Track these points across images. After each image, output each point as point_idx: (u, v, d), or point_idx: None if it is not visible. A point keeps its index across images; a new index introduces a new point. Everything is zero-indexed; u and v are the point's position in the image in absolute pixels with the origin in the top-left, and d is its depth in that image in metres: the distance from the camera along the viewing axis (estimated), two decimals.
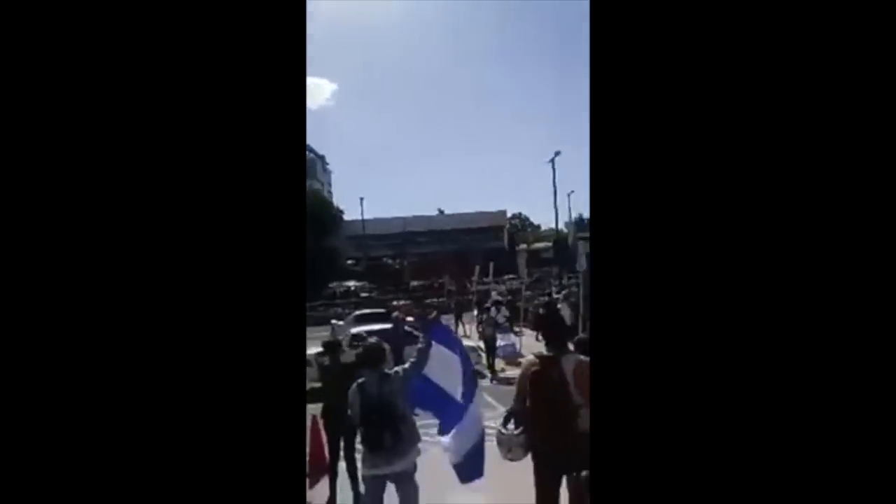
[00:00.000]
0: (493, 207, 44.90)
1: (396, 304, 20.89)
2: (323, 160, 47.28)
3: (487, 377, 9.37)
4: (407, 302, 20.62)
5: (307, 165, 41.35)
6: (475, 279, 16.68)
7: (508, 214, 47.41)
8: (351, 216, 38.97)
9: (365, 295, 26.97)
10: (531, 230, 46.13)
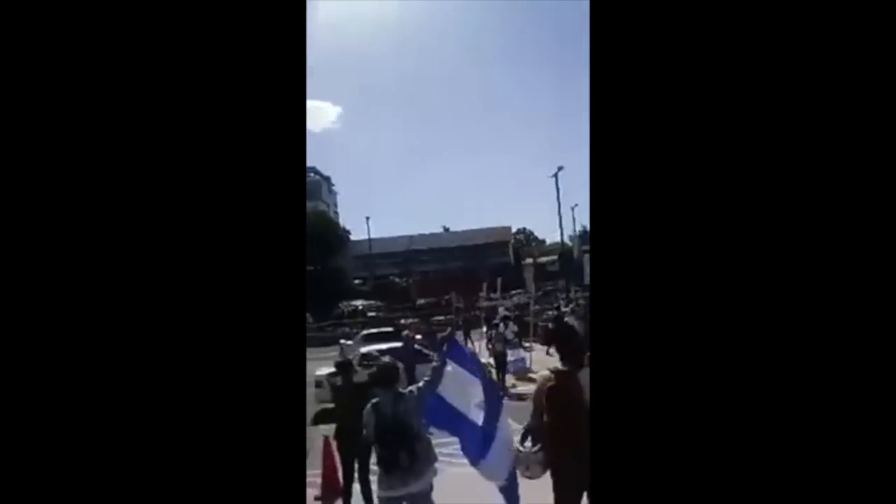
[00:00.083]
0: (497, 223, 45.01)
1: (404, 322, 20.84)
2: (328, 181, 47.63)
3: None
4: (415, 320, 20.54)
5: (313, 187, 41.70)
6: (483, 295, 16.63)
7: (513, 230, 47.53)
8: (357, 236, 39.16)
9: (372, 314, 26.95)
10: (536, 244, 46.05)
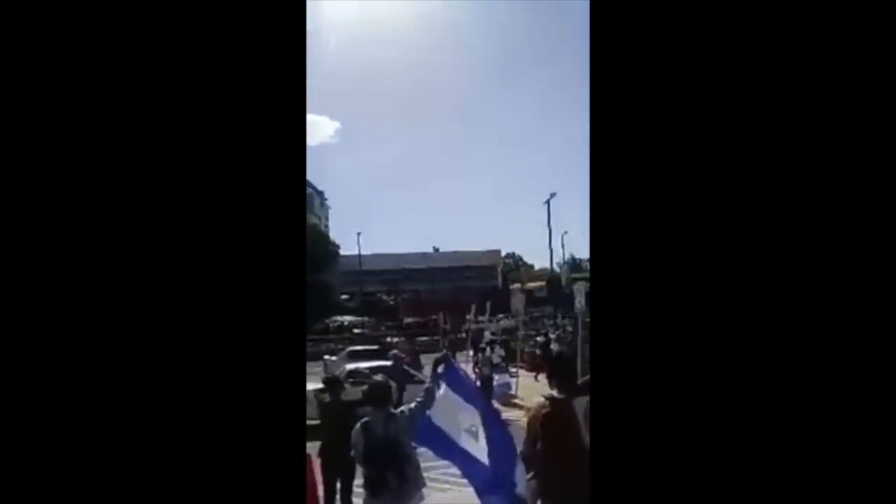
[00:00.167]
0: (486, 246, 45.18)
1: (390, 340, 20.67)
2: (322, 195, 47.62)
3: None
4: (401, 339, 20.40)
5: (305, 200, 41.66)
6: (470, 318, 16.55)
7: (502, 254, 47.71)
8: (347, 251, 39.05)
9: (358, 331, 26.73)
10: (524, 269, 46.18)
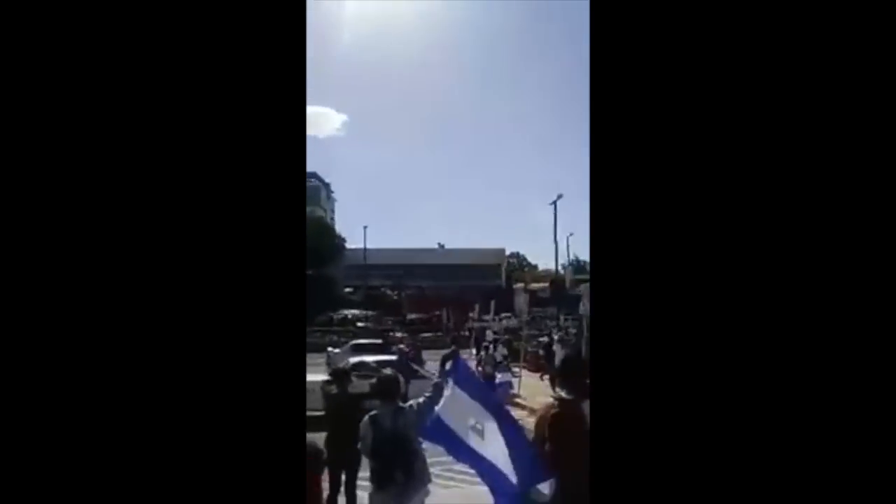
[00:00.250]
0: (491, 245, 45.16)
1: (393, 335, 20.72)
2: (328, 188, 47.66)
3: None
4: (404, 334, 20.43)
5: (312, 192, 41.64)
6: (472, 316, 16.59)
7: (507, 253, 47.68)
8: (352, 244, 39.09)
9: (361, 324, 26.78)
10: (528, 269, 46.14)
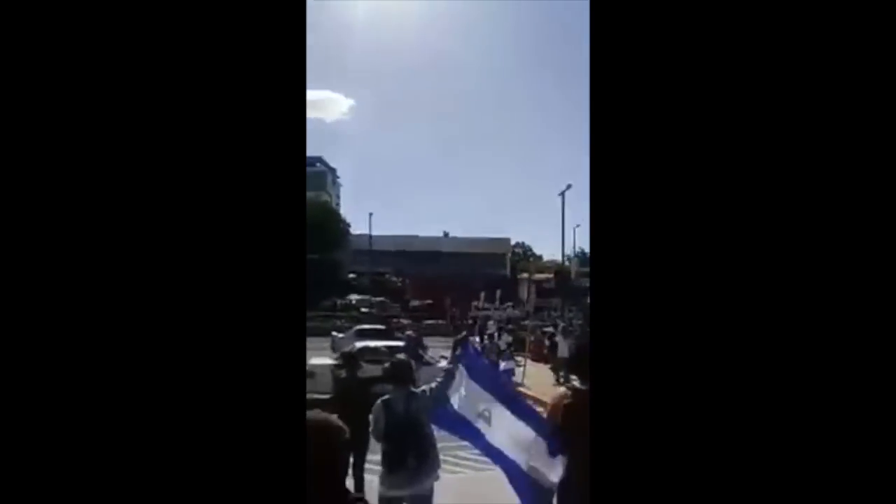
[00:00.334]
0: (497, 234, 45.10)
1: (397, 321, 20.80)
2: (334, 173, 47.65)
3: None
4: (408, 321, 20.51)
5: (318, 177, 41.68)
6: (477, 304, 16.62)
7: (512, 242, 47.62)
8: (357, 230, 39.12)
9: (365, 310, 26.89)
10: (533, 260, 46.11)
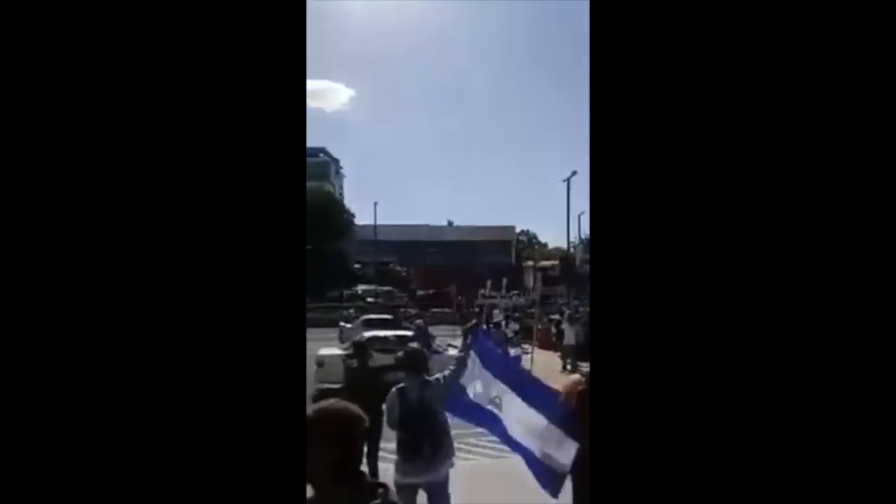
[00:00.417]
0: (501, 222, 45.07)
1: (403, 311, 20.89)
2: (337, 163, 47.60)
3: None
4: (416, 310, 20.59)
5: (321, 168, 41.64)
6: (482, 293, 16.64)
7: (516, 230, 47.61)
8: (361, 221, 39.18)
9: (371, 300, 27.00)
10: (538, 247, 46.08)
